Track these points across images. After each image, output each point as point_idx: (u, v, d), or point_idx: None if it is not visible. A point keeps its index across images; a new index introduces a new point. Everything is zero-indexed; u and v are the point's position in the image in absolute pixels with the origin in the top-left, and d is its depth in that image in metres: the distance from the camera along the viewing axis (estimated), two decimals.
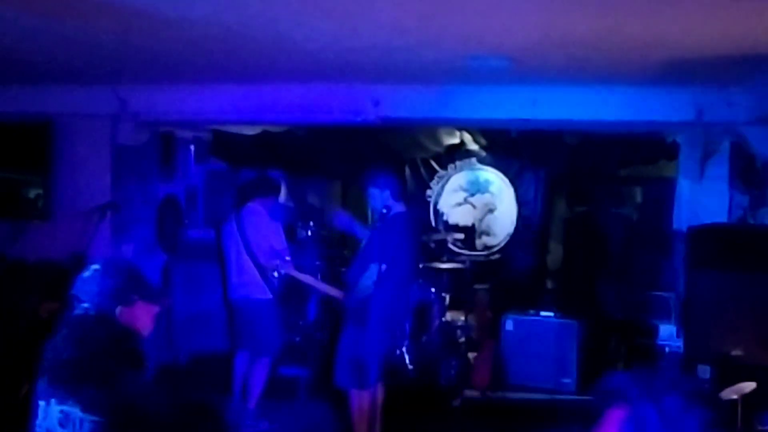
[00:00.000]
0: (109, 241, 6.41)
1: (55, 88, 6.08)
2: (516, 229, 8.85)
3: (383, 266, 5.05)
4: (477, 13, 3.68)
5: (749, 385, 3.63)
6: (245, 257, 5.99)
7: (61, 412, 2.49)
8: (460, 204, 9.06)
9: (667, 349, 7.27)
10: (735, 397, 3.68)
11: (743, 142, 5.79)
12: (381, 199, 5.27)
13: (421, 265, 7.60)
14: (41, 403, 2.53)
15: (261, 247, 6.01)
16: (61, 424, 2.49)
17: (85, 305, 2.61)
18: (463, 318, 7.75)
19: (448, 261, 7.90)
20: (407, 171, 9.06)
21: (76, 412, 2.46)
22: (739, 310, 3.92)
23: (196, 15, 3.84)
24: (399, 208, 5.30)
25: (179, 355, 7.34)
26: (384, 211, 5.23)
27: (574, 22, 3.77)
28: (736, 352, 3.77)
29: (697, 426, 1.46)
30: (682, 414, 1.48)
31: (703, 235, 4.93)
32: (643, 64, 4.68)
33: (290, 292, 7.81)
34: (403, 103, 5.88)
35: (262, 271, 5.98)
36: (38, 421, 2.54)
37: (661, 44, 4.18)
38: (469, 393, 6.81)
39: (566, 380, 6.93)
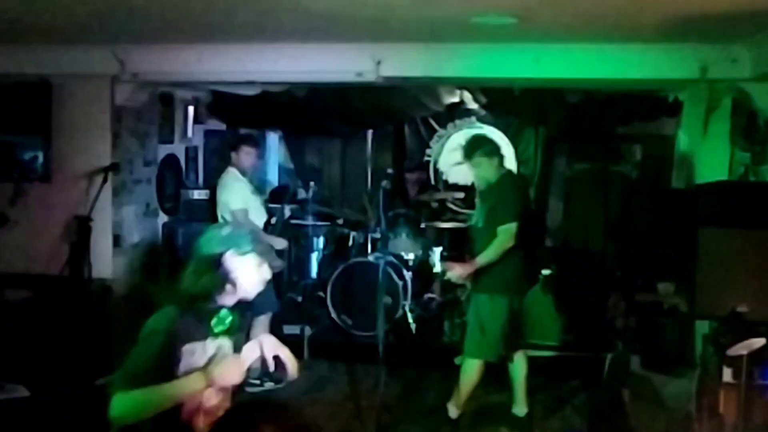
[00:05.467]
0: (110, 204, 6.42)
1: (53, 49, 6.02)
2: None
3: (516, 223, 5.08)
4: None
5: (759, 341, 3.68)
6: None
7: None
8: (459, 163, 8.98)
9: (665, 306, 7.35)
10: (744, 352, 3.73)
11: (745, 99, 5.77)
12: (491, 166, 5.29)
13: (422, 225, 7.64)
14: None
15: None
16: None
17: None
18: None
19: (449, 220, 7.93)
20: (407, 130, 9.04)
21: None
22: (745, 267, 3.94)
23: None
24: (504, 169, 5.36)
25: None
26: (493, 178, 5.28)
27: None
28: (742, 309, 3.80)
29: None
30: None
31: (710, 192, 4.93)
32: (650, 21, 4.64)
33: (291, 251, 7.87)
34: (405, 62, 5.82)
35: None
36: None
37: (669, 0, 4.15)
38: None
39: (567, 337, 7.00)
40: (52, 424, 5.05)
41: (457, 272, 5.34)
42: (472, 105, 8.23)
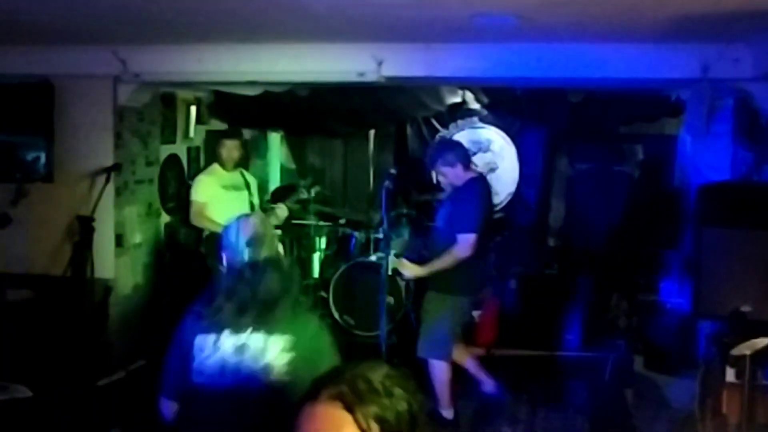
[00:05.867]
0: (113, 204, 6.42)
1: (55, 49, 6.02)
2: (518, 187, 8.85)
3: (475, 234, 5.10)
4: None
5: (762, 341, 3.68)
6: None
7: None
8: None
9: (668, 306, 7.35)
10: (747, 352, 3.73)
11: (748, 99, 5.77)
12: (454, 174, 5.31)
13: (425, 225, 7.62)
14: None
15: None
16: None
17: None
18: None
19: None
20: (408, 130, 9.03)
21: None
22: (748, 267, 3.95)
23: None
24: (471, 174, 5.38)
25: None
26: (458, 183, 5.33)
27: None
28: (745, 308, 3.81)
29: None
30: None
31: (712, 192, 4.92)
32: (651, 20, 4.64)
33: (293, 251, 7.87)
34: (407, 62, 5.82)
35: None
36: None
37: (670, 0, 4.14)
38: (474, 351, 6.88)
39: (569, 337, 7.00)
40: (52, 424, 5.05)
41: (409, 272, 5.47)
42: (474, 105, 8.24)
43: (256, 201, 6.83)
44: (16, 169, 6.37)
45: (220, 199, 6.54)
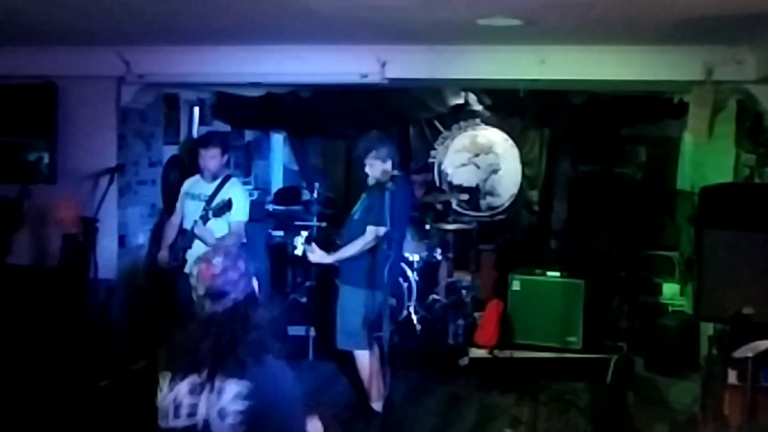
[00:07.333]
0: (116, 205, 6.42)
1: (58, 50, 6.03)
2: (520, 189, 8.88)
3: (386, 227, 5.14)
4: None
5: (764, 343, 3.68)
6: None
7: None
8: (464, 165, 9.05)
9: (670, 308, 7.36)
10: (750, 355, 3.74)
11: (751, 101, 5.77)
12: (383, 170, 5.39)
13: (427, 226, 7.64)
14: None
15: None
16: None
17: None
18: (469, 278, 7.80)
19: (454, 222, 7.93)
20: (411, 132, 9.05)
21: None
22: (750, 269, 3.95)
23: None
24: (394, 172, 5.41)
25: None
26: (383, 179, 5.33)
27: None
28: (747, 311, 3.81)
29: None
30: None
31: (714, 194, 4.93)
32: (655, 23, 4.64)
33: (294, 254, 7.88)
34: (410, 64, 5.82)
35: None
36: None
37: (674, 2, 4.14)
38: (476, 352, 6.91)
39: (571, 339, 7.00)
40: (53, 425, 5.05)
41: (316, 256, 5.62)
42: (477, 107, 8.26)
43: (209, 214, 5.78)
44: (18, 169, 6.39)
45: (183, 210, 6.20)
